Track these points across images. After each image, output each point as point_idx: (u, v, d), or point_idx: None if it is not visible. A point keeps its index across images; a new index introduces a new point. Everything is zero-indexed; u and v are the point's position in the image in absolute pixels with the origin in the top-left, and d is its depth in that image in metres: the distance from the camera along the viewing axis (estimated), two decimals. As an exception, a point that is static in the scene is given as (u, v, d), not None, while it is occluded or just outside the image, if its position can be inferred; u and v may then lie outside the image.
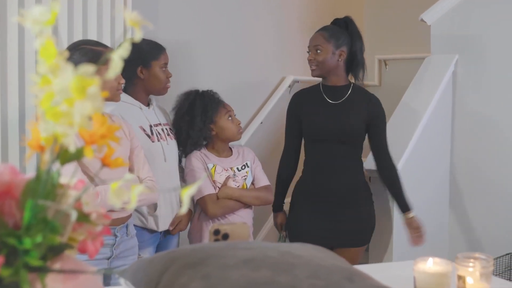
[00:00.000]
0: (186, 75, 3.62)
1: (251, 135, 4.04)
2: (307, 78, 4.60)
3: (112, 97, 2.27)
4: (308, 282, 1.03)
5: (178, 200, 2.72)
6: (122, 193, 0.89)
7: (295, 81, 4.39)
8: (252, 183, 2.88)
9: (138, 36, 0.86)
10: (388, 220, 3.27)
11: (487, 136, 3.67)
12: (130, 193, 0.88)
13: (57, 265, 0.96)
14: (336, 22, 3.09)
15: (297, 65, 4.41)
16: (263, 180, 2.93)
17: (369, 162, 3.29)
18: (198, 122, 2.79)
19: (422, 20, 3.79)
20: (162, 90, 2.72)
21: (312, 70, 2.97)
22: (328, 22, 5.04)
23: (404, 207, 3.00)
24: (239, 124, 2.88)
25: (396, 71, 4.95)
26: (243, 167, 2.86)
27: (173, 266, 1.11)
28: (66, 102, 0.76)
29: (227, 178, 2.77)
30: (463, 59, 3.71)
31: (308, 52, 2.98)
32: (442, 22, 3.77)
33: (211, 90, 2.92)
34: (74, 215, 0.94)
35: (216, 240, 1.31)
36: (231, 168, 2.82)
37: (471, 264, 1.35)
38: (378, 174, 3.05)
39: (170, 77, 2.73)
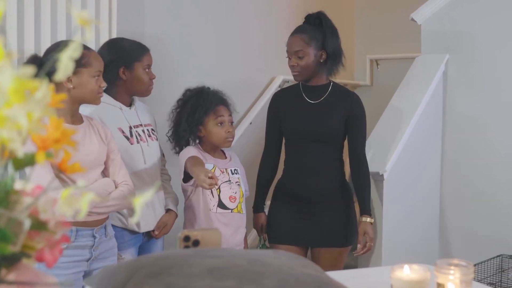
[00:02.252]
0: (173, 74, 3.58)
1: (240, 135, 3.99)
2: (298, 78, 4.56)
3: (92, 100, 2.23)
4: (274, 293, 1.00)
5: (161, 201, 2.67)
6: (73, 201, 0.85)
7: (285, 81, 4.34)
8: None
9: (88, 36, 0.82)
10: (377, 224, 3.23)
11: (478, 137, 3.63)
12: (81, 201, 0.84)
13: (11, 276, 0.92)
14: (309, 18, 2.99)
15: (287, 65, 4.36)
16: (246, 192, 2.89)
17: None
18: (183, 122, 2.72)
19: (412, 19, 3.75)
20: (144, 92, 2.66)
21: (295, 76, 2.88)
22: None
23: (367, 210, 2.91)
24: (229, 132, 2.74)
25: (388, 71, 4.91)
26: (235, 171, 2.80)
27: (136, 275, 1.07)
28: (5, 106, 0.72)
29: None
30: (453, 59, 3.67)
31: (288, 57, 2.89)
32: (433, 21, 3.73)
33: (214, 90, 2.81)
34: (27, 223, 0.90)
35: (186, 246, 1.26)
36: (226, 170, 2.75)
37: (451, 272, 1.31)
38: (351, 175, 2.99)
39: (154, 78, 2.67)
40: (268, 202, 3.11)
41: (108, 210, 2.27)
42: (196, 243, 1.26)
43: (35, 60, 2.12)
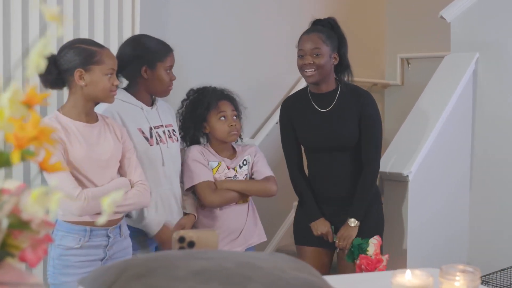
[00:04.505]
0: (200, 76, 3.56)
1: (266, 134, 3.97)
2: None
3: (105, 98, 2.21)
4: (258, 297, 0.97)
5: (178, 203, 2.65)
6: (43, 200, 0.84)
7: (312, 81, 4.30)
8: (252, 177, 2.79)
9: (60, 32, 0.79)
10: (403, 225, 3.16)
11: (509, 137, 3.53)
12: (52, 200, 0.83)
13: (-8, 275, 0.91)
14: (319, 22, 2.84)
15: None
16: (265, 172, 2.79)
17: (381, 165, 3.19)
18: (187, 119, 2.75)
19: (441, 17, 3.66)
20: (163, 92, 2.64)
21: (310, 76, 2.73)
22: (346, 21, 4.94)
23: (357, 214, 2.75)
24: (232, 125, 2.71)
25: (419, 70, 4.82)
26: (244, 163, 2.78)
27: (123, 275, 1.06)
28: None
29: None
30: (484, 57, 3.57)
31: (301, 56, 2.74)
32: (462, 19, 3.63)
33: (217, 88, 2.81)
34: (4, 222, 0.89)
35: (181, 248, 1.24)
36: (234, 168, 2.75)
37: (456, 278, 1.26)
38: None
39: (174, 80, 2.65)
40: (295, 202, 3.08)
41: (124, 209, 2.26)
42: (191, 244, 1.24)
43: (49, 58, 2.13)
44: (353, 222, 2.74)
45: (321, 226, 2.81)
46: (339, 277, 1.44)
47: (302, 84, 4.24)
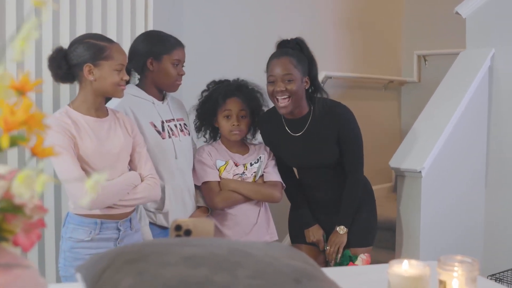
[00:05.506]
0: (212, 72, 3.58)
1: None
2: (340, 74, 4.50)
3: (114, 93, 2.23)
4: (246, 282, 0.97)
5: (191, 196, 2.67)
6: (30, 182, 0.85)
7: (328, 77, 4.29)
8: (261, 177, 2.78)
9: (44, 17, 0.80)
10: (416, 220, 3.14)
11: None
12: (38, 183, 0.84)
13: (-13, 258, 0.93)
14: (287, 44, 2.74)
15: (329, 61, 4.32)
16: (272, 176, 2.77)
17: (394, 161, 3.18)
18: (201, 111, 2.76)
19: (457, 13, 3.63)
20: (170, 86, 2.64)
21: (284, 107, 2.63)
22: (363, 18, 4.93)
23: (345, 222, 2.78)
24: (234, 125, 2.68)
25: (436, 67, 4.79)
26: (256, 161, 2.77)
27: (116, 261, 1.07)
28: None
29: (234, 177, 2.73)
30: (500, 53, 3.53)
31: (272, 82, 2.64)
32: (478, 15, 3.59)
33: (233, 81, 2.78)
34: (-6, 206, 0.90)
35: (178, 236, 1.25)
36: (244, 165, 2.75)
37: (454, 268, 1.25)
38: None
39: (182, 75, 2.64)
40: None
41: (134, 203, 2.28)
42: (188, 232, 1.25)
43: (59, 52, 2.16)
44: (341, 230, 2.77)
45: (313, 234, 2.84)
46: (335, 269, 1.43)
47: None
